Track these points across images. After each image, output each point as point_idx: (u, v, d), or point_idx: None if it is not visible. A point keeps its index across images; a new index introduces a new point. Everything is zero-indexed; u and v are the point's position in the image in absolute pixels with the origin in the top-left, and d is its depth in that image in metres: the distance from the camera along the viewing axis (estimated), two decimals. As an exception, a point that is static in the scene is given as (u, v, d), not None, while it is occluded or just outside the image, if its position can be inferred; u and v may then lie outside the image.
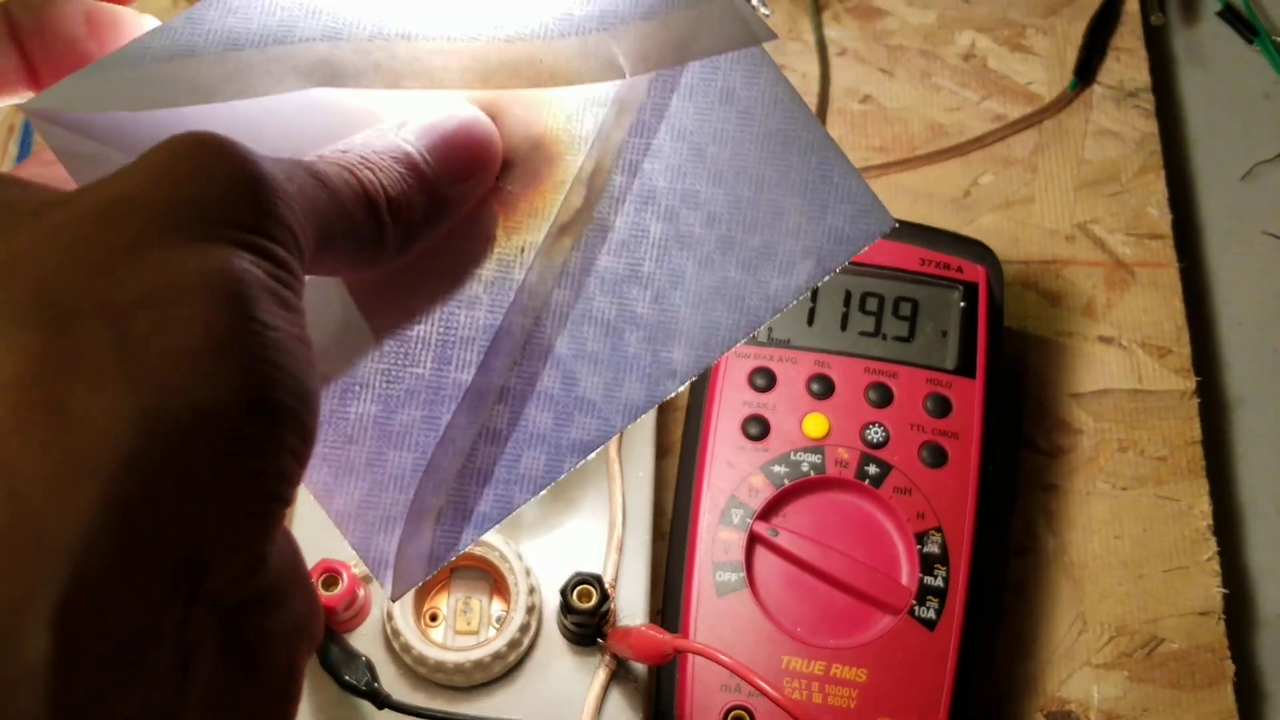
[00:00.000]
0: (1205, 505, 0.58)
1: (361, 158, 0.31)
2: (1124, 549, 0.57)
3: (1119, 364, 0.61)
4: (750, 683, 0.45)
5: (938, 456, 0.52)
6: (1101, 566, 0.57)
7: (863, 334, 0.55)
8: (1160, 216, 0.64)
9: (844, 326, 0.55)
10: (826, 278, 0.34)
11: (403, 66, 0.33)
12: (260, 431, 0.25)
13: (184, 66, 0.31)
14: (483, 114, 0.34)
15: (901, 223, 0.58)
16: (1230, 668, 0.55)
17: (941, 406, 0.53)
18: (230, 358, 0.24)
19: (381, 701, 0.47)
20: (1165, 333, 0.62)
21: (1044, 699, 0.54)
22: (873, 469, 0.52)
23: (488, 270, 0.34)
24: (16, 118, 0.68)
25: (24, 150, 0.67)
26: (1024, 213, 0.64)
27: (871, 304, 0.55)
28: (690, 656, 0.49)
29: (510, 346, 0.34)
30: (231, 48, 0.32)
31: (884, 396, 0.53)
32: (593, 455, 0.34)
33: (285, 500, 0.26)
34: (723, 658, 0.45)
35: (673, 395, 0.34)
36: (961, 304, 0.55)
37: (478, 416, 0.33)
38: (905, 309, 0.55)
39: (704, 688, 0.49)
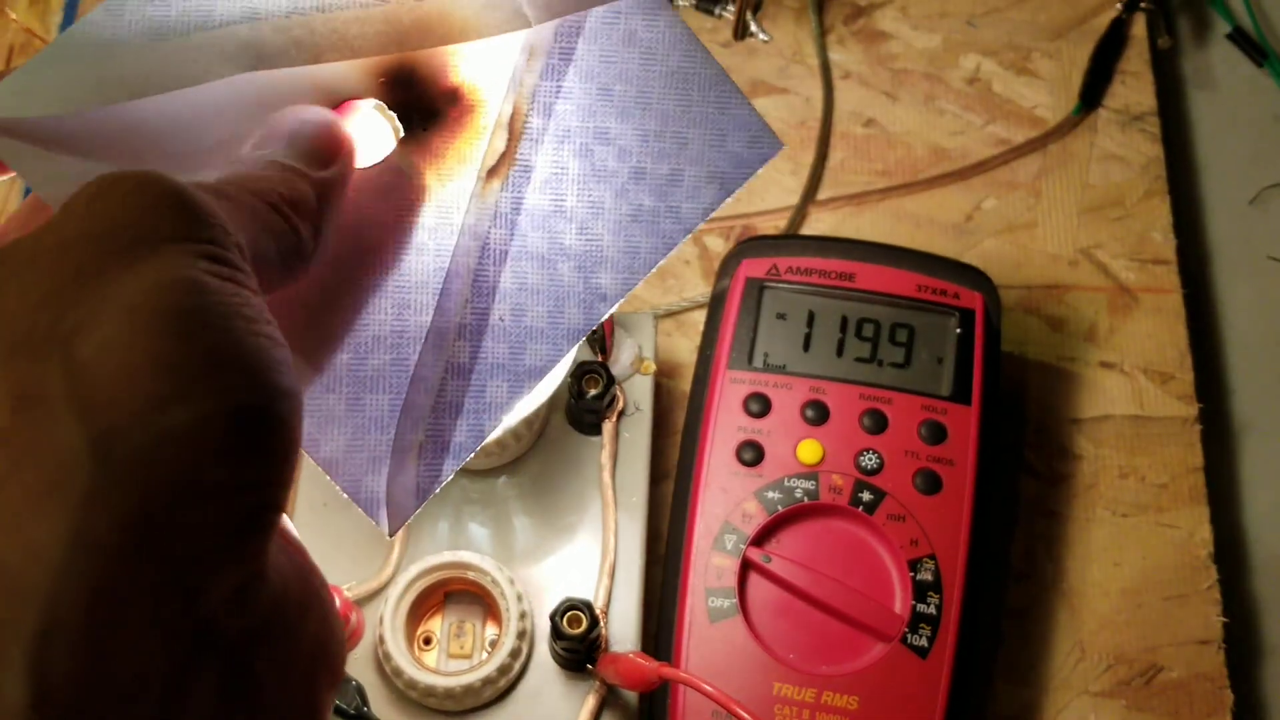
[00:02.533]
0: (1206, 533, 0.58)
1: (247, 174, 0.31)
2: (1123, 576, 0.57)
3: (1120, 390, 0.61)
4: (733, 713, 0.44)
5: (932, 483, 0.52)
6: (1100, 594, 0.57)
7: (858, 360, 0.55)
8: (1165, 241, 0.64)
9: (840, 352, 0.55)
10: (729, 199, 0.37)
11: (322, 40, 0.34)
12: (230, 440, 0.24)
13: (109, 63, 0.32)
14: (315, 106, 0.34)
15: (899, 249, 0.58)
16: (1229, 697, 0.54)
17: (936, 433, 0.53)
18: (184, 370, 0.23)
19: (371, 726, 0.48)
20: (1168, 359, 0.61)
21: (1041, 727, 0.54)
22: (866, 495, 0.52)
23: (429, 218, 0.36)
24: None
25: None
26: (1026, 237, 0.64)
27: (868, 330, 0.55)
28: (681, 683, 0.49)
29: (460, 286, 0.36)
30: (156, 37, 0.32)
31: (879, 423, 0.53)
32: (548, 379, 0.37)
33: (271, 507, 0.25)
34: (706, 687, 0.45)
35: (606, 317, 0.38)
36: (958, 330, 0.55)
37: (442, 354, 0.36)
38: (901, 335, 0.55)
39: (695, 714, 0.49)
